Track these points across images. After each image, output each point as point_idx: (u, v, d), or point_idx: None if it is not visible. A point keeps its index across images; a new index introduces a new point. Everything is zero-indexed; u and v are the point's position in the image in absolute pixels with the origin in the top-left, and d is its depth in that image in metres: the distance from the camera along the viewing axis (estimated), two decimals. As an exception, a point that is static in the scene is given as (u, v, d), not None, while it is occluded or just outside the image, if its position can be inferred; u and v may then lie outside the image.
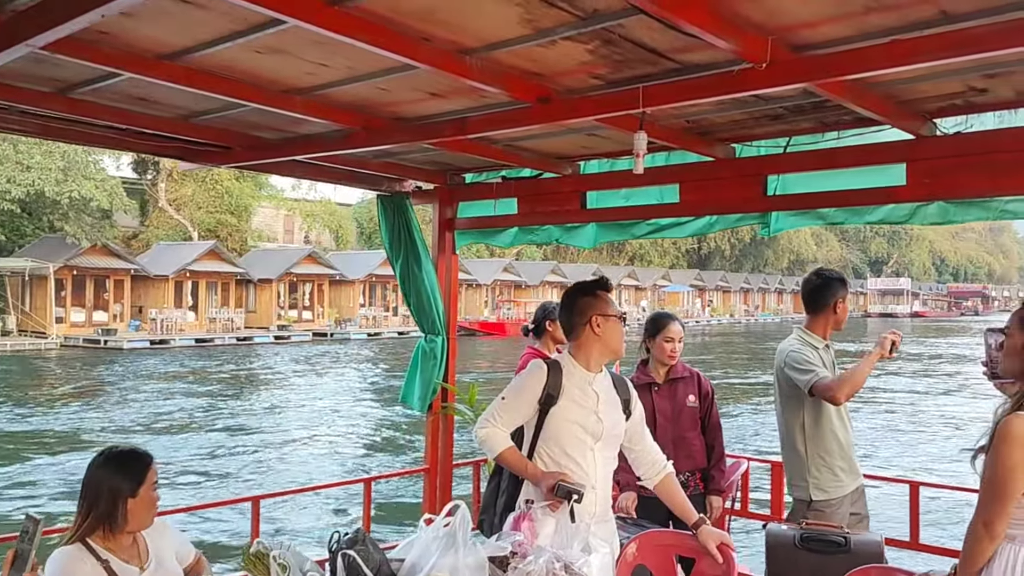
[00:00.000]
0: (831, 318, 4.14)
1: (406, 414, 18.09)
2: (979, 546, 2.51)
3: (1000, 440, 2.43)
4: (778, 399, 4.22)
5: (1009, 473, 2.42)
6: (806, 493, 4.07)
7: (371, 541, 2.51)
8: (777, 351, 4.20)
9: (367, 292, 50.13)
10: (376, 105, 3.53)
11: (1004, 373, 2.60)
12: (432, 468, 5.21)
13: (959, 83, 2.96)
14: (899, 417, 18.89)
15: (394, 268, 5.17)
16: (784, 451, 4.19)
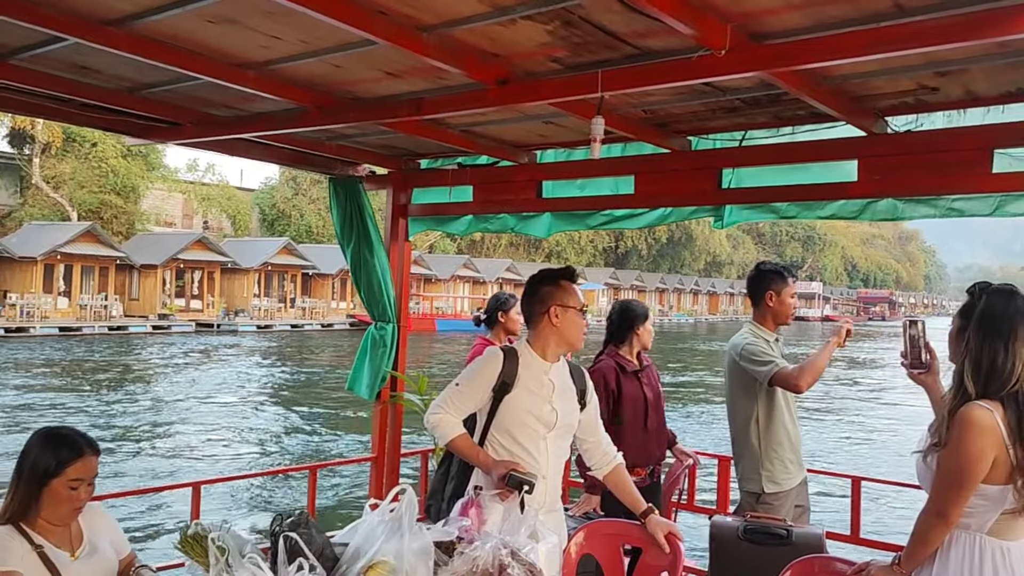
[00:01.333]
0: (768, 311, 4.17)
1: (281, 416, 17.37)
2: (932, 534, 2.54)
3: (959, 429, 2.45)
4: (730, 393, 4.24)
5: (968, 462, 2.44)
6: (758, 485, 4.09)
7: (314, 525, 2.45)
8: (728, 346, 4.22)
9: (263, 282, 47.91)
10: (331, 83, 3.46)
11: (950, 357, 2.64)
12: (379, 457, 5.14)
13: (911, 81, 3.00)
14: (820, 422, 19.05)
15: (345, 254, 5.09)
16: (736, 445, 4.20)
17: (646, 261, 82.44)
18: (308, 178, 55.67)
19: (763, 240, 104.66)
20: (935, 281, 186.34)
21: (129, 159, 45.61)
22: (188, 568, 2.38)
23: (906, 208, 3.57)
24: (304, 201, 57.30)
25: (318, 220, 56.40)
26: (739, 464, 4.22)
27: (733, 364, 4.15)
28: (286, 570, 2.19)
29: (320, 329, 47.25)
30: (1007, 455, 2.43)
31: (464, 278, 59.01)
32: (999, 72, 2.86)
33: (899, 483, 5.09)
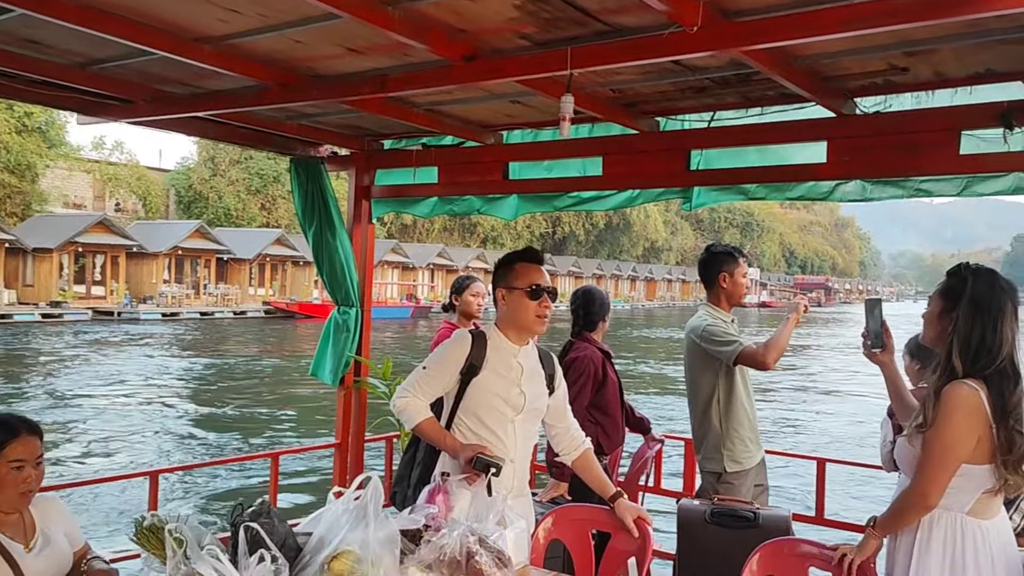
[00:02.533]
0: (722, 292, 4.17)
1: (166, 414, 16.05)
2: (911, 513, 2.58)
3: (946, 408, 2.47)
4: (691, 376, 4.24)
5: (955, 441, 2.47)
6: (720, 465, 4.11)
7: (276, 514, 2.37)
8: (687, 329, 4.21)
9: (173, 267, 45.43)
10: (291, 59, 3.35)
11: (926, 340, 2.65)
12: (343, 443, 5.06)
13: (881, 61, 2.98)
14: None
15: (306, 236, 4.98)
16: (698, 426, 4.21)
17: (584, 247, 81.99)
18: (227, 158, 53.80)
19: (701, 226, 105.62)
20: (870, 267, 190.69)
21: (24, 135, 42.64)
22: (144, 560, 2.30)
23: (874, 189, 3.57)
24: (223, 183, 55.04)
25: (237, 202, 54.91)
26: (701, 445, 4.22)
27: (694, 346, 4.14)
28: (247, 561, 2.12)
29: (232, 317, 44.92)
30: (990, 434, 2.46)
31: (392, 263, 57.19)
32: (968, 52, 2.85)
33: (865, 464, 5.13)
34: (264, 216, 56.63)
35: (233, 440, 14.02)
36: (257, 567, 2.08)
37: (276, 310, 46.84)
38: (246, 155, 53.48)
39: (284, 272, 52.49)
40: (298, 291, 51.92)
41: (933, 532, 2.56)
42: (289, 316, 45.79)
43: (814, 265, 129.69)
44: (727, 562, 3.27)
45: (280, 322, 43.67)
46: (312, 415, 16.46)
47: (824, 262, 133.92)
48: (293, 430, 15.21)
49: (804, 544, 3.02)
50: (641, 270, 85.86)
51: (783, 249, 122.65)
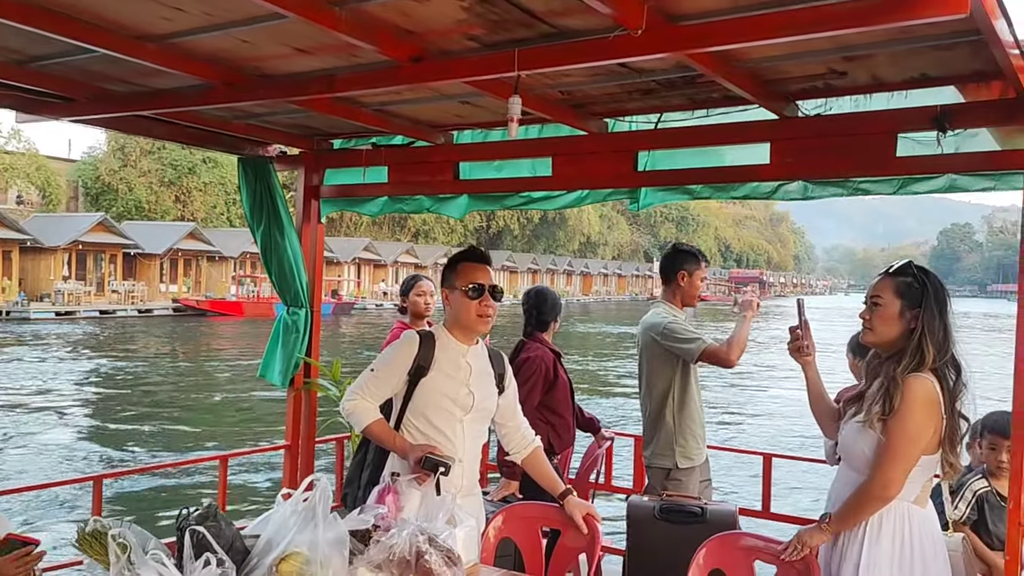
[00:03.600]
0: (678, 290, 4.25)
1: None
2: (871, 505, 2.64)
3: (907, 400, 2.57)
4: (646, 372, 4.28)
5: (915, 433, 2.57)
6: (671, 461, 4.17)
7: (223, 517, 2.35)
8: (642, 325, 4.27)
9: (74, 263, 42.29)
10: (238, 59, 3.31)
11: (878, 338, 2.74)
12: (293, 445, 5.02)
13: (821, 65, 3.05)
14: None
15: (255, 236, 4.93)
16: (650, 422, 4.25)
17: (520, 241, 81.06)
18: (138, 148, 51.20)
19: (637, 221, 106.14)
20: (804, 261, 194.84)
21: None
22: (87, 567, 2.26)
23: (815, 189, 3.66)
24: (133, 174, 52.18)
25: (149, 195, 52.15)
26: (652, 442, 4.27)
27: (651, 343, 4.18)
28: (192, 565, 2.10)
29: (136, 316, 42.32)
30: (942, 424, 2.56)
31: None
32: (903, 58, 2.93)
33: (809, 459, 5.24)
34: (179, 209, 53.92)
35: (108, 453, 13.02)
36: (203, 571, 2.06)
37: (186, 308, 44.43)
38: (158, 145, 50.49)
39: (199, 268, 50.09)
40: (214, 288, 49.43)
41: (883, 523, 2.64)
42: (200, 314, 43.50)
43: (749, 259, 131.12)
44: (676, 557, 3.32)
45: (189, 321, 41.45)
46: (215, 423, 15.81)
47: (759, 256, 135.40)
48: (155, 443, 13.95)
49: (750, 538, 3.08)
50: (577, 265, 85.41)
51: (719, 243, 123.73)
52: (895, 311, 2.68)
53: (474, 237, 76.67)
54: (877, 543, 2.63)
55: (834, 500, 2.79)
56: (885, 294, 2.70)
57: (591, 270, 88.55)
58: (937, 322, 2.64)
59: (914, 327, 2.65)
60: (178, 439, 14.19)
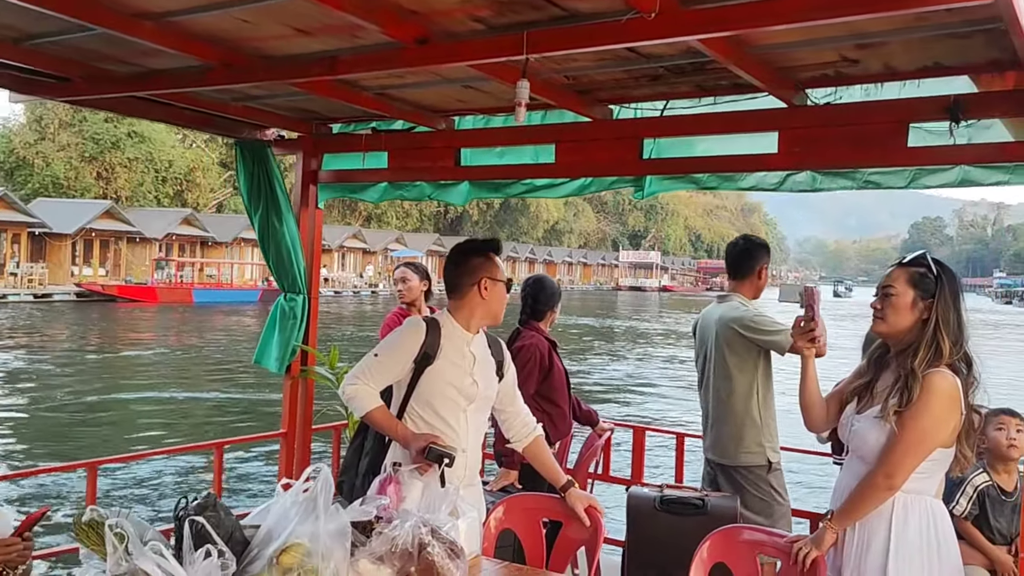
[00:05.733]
0: (755, 283, 4.10)
1: None
2: (877, 496, 2.60)
3: (924, 395, 2.53)
4: (724, 368, 4.06)
5: (931, 427, 2.54)
6: (764, 457, 4.01)
7: (223, 507, 2.30)
8: (723, 319, 4.05)
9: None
10: (238, 39, 3.24)
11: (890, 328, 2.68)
12: (290, 433, 4.97)
13: (833, 52, 3.00)
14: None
15: (252, 221, 4.87)
16: (731, 420, 4.05)
17: (480, 228, 78.25)
18: (57, 120, 48.24)
19: (605, 209, 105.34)
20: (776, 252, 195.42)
21: None
22: (84, 556, 2.21)
23: (824, 180, 3.61)
24: (51, 148, 48.46)
25: (68, 170, 48.31)
26: (735, 440, 4.04)
27: (735, 337, 3.99)
28: (192, 556, 2.05)
29: (31, 301, 37.93)
30: (960, 419, 2.52)
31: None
32: (917, 46, 2.88)
33: (807, 451, 5.20)
34: (101, 186, 50.24)
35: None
36: (203, 562, 2.01)
37: (91, 293, 40.30)
38: (79, 117, 47.85)
39: (117, 250, 46.22)
40: (134, 272, 45.89)
41: (910, 518, 2.60)
42: (108, 300, 39.82)
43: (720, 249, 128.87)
44: (677, 548, 3.30)
45: (94, 308, 37.32)
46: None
47: None
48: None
49: (755, 532, 3.05)
50: (540, 252, 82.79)
51: (689, 233, 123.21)
52: (908, 301, 2.63)
53: (431, 223, 74.82)
54: (904, 536, 2.59)
55: (842, 495, 2.74)
56: (898, 284, 2.66)
57: (555, 258, 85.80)
58: (952, 313, 2.61)
59: (927, 318, 2.61)
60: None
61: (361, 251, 61.38)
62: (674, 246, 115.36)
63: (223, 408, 15.59)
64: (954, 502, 3.58)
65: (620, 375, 21.45)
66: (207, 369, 20.66)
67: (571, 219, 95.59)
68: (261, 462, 11.07)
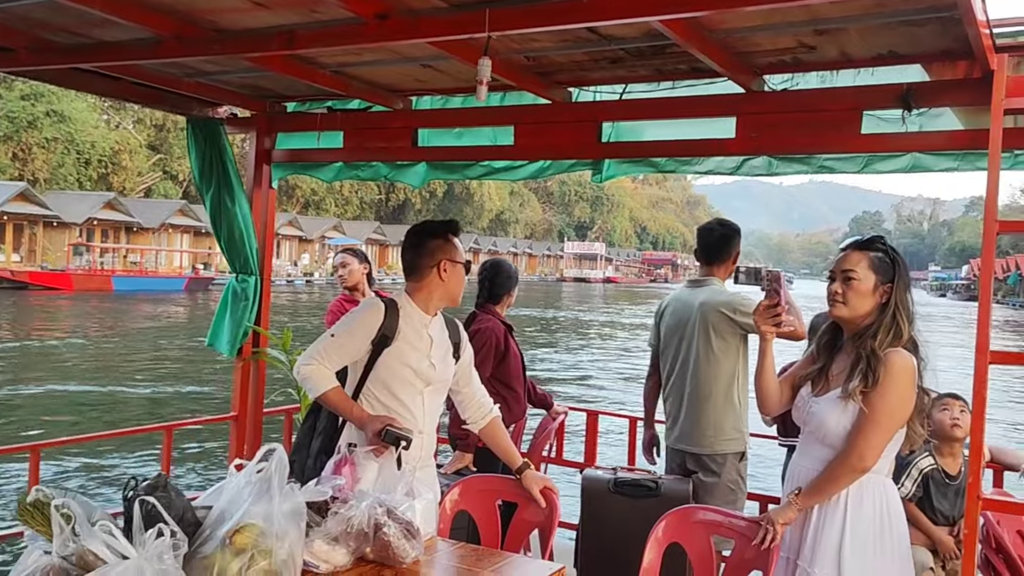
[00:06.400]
0: (729, 268, 4.01)
1: None
2: (846, 477, 2.63)
3: (888, 375, 2.57)
4: (706, 353, 3.93)
5: (898, 406, 2.58)
6: (741, 444, 3.96)
7: (173, 487, 2.25)
8: (707, 304, 3.94)
9: None
10: (191, 11, 3.15)
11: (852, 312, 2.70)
12: (241, 416, 4.89)
13: (791, 38, 3.03)
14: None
15: (203, 201, 4.76)
16: (712, 406, 3.94)
17: (424, 216, 74.28)
18: None
19: (551, 199, 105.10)
20: None
21: None
22: (29, 538, 2.15)
23: (780, 165, 3.65)
24: None
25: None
26: (714, 427, 3.94)
27: (721, 320, 3.89)
28: (143, 537, 2.00)
29: None
30: (914, 397, 2.58)
31: (182, 227, 49.25)
32: (873, 33, 2.92)
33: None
34: (17, 168, 46.78)
35: None
36: (154, 542, 1.97)
37: (1, 280, 38.07)
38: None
39: (32, 235, 43.51)
40: (50, 258, 43.10)
41: (864, 499, 2.64)
42: (20, 287, 37.71)
43: (665, 241, 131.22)
44: (630, 530, 3.33)
45: (4, 295, 35.07)
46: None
47: (675, 239, 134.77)
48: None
49: (709, 512, 3.09)
50: (484, 242, 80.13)
51: (634, 224, 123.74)
52: (870, 286, 2.67)
53: (372, 210, 73.04)
54: (859, 517, 2.63)
55: (800, 477, 2.77)
56: (860, 268, 2.68)
57: (500, 248, 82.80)
58: (907, 296, 2.67)
59: (885, 301, 2.66)
60: None
61: (297, 239, 59.33)
62: (620, 238, 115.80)
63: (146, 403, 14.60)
64: (899, 484, 3.66)
65: (559, 366, 21.41)
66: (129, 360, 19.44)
67: (516, 209, 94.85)
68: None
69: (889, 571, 2.64)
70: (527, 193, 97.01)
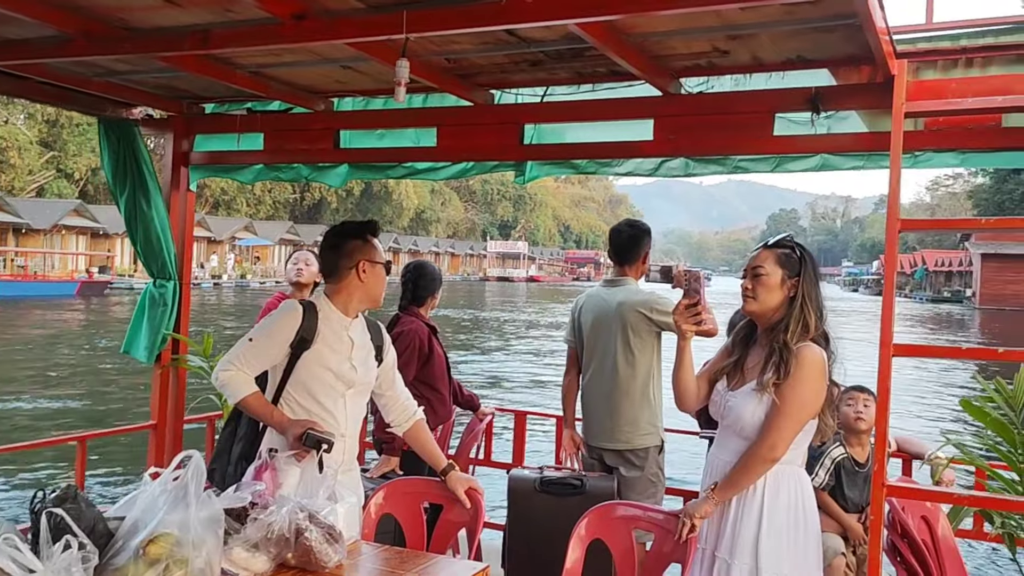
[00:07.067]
0: (640, 268, 4.09)
1: None
2: (759, 467, 2.70)
3: (800, 368, 2.65)
4: (624, 352, 4.01)
5: (810, 398, 2.66)
6: (658, 437, 4.06)
7: (83, 498, 2.18)
8: (625, 304, 4.00)
9: None
10: (100, 8, 3.07)
11: (761, 306, 2.78)
12: (160, 424, 4.77)
13: (706, 42, 3.11)
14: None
15: (118, 204, 4.63)
16: (630, 404, 4.02)
17: (341, 215, 73.13)
18: None
19: (473, 198, 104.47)
20: None
21: None
22: (-74, 555, 2.05)
23: (696, 166, 3.74)
24: None
25: None
26: (633, 423, 4.02)
27: (640, 319, 3.96)
28: (50, 549, 1.93)
29: None
30: (825, 390, 2.67)
31: (76, 229, 46.14)
32: (783, 39, 3.02)
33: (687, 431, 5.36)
34: None
35: None
36: (62, 555, 1.90)
37: None
38: None
39: None
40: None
41: (780, 490, 2.72)
42: None
43: (589, 240, 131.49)
44: (556, 529, 3.35)
45: None
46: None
47: (598, 237, 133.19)
48: None
49: (630, 507, 3.13)
50: (405, 242, 78.47)
51: (558, 224, 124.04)
52: (777, 280, 2.76)
53: (286, 211, 71.14)
54: (775, 507, 2.70)
55: (718, 470, 2.83)
56: (767, 264, 2.78)
57: (420, 248, 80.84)
58: (815, 289, 2.77)
59: (794, 295, 2.75)
60: None
61: (206, 240, 56.43)
62: (543, 236, 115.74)
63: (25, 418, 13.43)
64: (813, 474, 3.78)
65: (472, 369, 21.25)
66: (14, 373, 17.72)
67: (438, 208, 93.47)
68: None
69: (802, 557, 2.73)
70: (449, 192, 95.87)
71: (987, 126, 3.11)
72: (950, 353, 5.77)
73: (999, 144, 3.15)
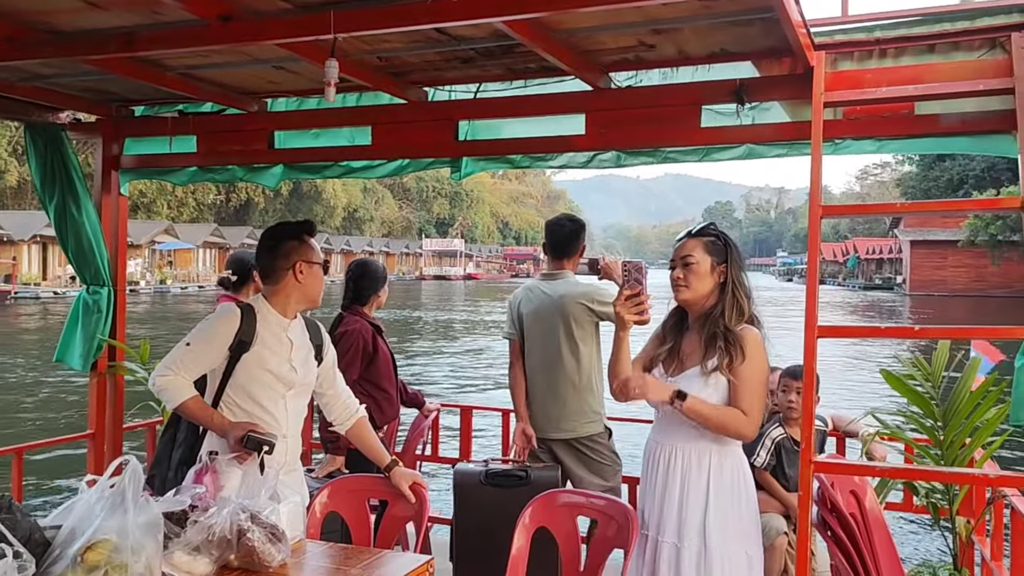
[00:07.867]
0: (576, 261, 4.18)
1: None
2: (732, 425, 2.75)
3: (749, 348, 2.75)
4: (568, 344, 4.08)
5: (764, 374, 2.79)
6: (602, 425, 4.15)
7: (19, 508, 2.16)
8: (568, 295, 4.06)
9: None
10: (21, 11, 3.01)
11: (694, 294, 2.87)
12: (98, 432, 4.69)
13: (632, 37, 3.17)
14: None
15: (47, 211, 4.54)
16: (576, 394, 4.10)
17: (269, 216, 70.75)
18: None
19: (408, 196, 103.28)
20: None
21: None
22: None
23: (627, 158, 3.81)
24: None
25: None
26: (578, 412, 4.10)
27: (582, 311, 4.04)
28: (-16, 561, 1.92)
29: None
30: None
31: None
32: (707, 32, 3.10)
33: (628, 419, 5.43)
34: None
35: None
36: (-3, 565, 1.89)
37: None
38: None
39: None
40: None
41: (724, 470, 2.81)
42: None
43: (528, 236, 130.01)
44: (503, 520, 3.39)
45: None
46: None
47: (537, 233, 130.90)
48: None
49: (572, 495, 3.20)
50: (337, 242, 76.42)
51: (497, 220, 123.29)
52: (707, 267, 2.85)
53: (211, 212, 68.85)
54: (720, 487, 2.79)
55: (660, 455, 2.89)
56: (696, 252, 2.86)
57: (353, 247, 77.79)
58: (742, 274, 2.88)
59: (724, 281, 2.84)
60: None
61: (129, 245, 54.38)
62: (482, 233, 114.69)
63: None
64: (754, 455, 3.89)
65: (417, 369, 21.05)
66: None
67: (371, 206, 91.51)
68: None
69: (746, 534, 2.83)
70: (382, 190, 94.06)
71: (901, 114, 3.23)
72: (870, 332, 6.01)
73: (913, 131, 3.28)
